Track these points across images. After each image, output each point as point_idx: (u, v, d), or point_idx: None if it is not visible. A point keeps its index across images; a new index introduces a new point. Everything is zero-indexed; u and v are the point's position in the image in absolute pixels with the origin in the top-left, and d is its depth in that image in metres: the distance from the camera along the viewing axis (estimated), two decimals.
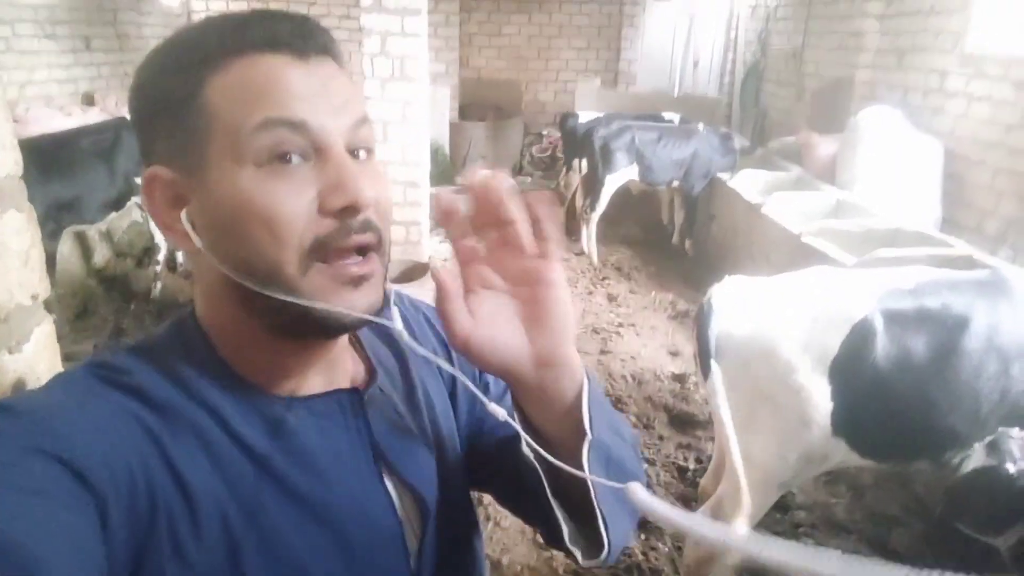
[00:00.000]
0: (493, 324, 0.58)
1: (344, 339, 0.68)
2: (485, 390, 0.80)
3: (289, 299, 0.56)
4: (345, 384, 0.68)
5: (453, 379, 0.78)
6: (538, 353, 0.59)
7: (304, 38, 0.58)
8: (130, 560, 0.51)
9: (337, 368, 0.67)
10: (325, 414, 0.64)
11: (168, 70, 0.58)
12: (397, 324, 0.62)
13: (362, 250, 0.59)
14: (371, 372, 0.71)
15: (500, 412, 0.60)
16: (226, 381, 0.61)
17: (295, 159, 0.56)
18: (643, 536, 2.43)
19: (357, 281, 0.58)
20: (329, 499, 0.61)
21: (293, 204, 0.56)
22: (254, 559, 0.56)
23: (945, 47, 4.68)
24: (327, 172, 0.57)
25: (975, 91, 4.38)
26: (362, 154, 0.61)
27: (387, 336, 0.76)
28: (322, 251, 0.57)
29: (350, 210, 0.57)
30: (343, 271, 0.58)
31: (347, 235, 0.57)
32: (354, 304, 0.58)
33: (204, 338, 0.62)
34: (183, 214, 0.58)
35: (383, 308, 0.62)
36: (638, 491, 0.52)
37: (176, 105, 0.57)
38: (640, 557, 2.34)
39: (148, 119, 0.60)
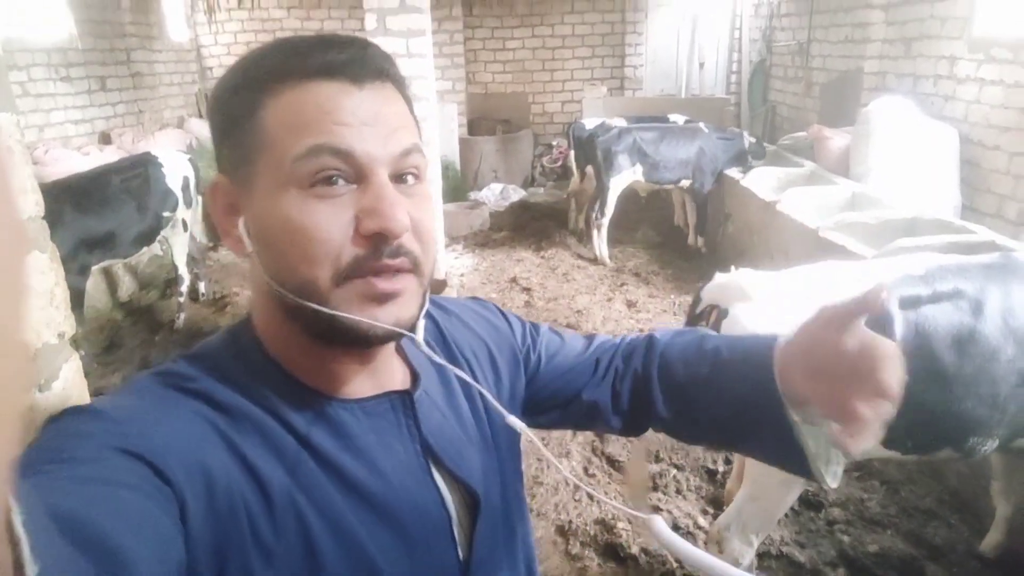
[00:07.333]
0: None
1: (389, 347, 0.71)
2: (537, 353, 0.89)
3: (318, 308, 0.60)
4: (394, 387, 0.70)
5: (514, 356, 0.86)
6: None
7: (361, 65, 0.61)
8: (213, 557, 0.53)
9: (384, 373, 0.70)
10: (379, 413, 0.67)
11: (234, 87, 0.63)
12: (420, 336, 0.66)
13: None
14: (415, 377, 0.74)
15: (518, 424, 0.70)
16: (283, 385, 0.64)
17: (340, 182, 0.59)
18: None
19: (383, 298, 0.61)
20: (389, 495, 0.64)
21: (329, 225, 0.59)
22: (328, 545, 0.59)
23: (952, 33, 4.64)
24: (367, 197, 0.60)
25: (986, 76, 4.33)
26: (410, 179, 0.64)
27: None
28: (356, 271, 0.60)
29: (382, 236, 0.59)
30: (371, 287, 0.61)
31: (378, 258, 0.60)
32: (377, 319, 0.61)
33: (259, 344, 0.66)
34: (241, 221, 0.63)
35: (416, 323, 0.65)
36: (657, 523, 0.57)
37: (237, 121, 0.62)
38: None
39: (218, 130, 0.65)
